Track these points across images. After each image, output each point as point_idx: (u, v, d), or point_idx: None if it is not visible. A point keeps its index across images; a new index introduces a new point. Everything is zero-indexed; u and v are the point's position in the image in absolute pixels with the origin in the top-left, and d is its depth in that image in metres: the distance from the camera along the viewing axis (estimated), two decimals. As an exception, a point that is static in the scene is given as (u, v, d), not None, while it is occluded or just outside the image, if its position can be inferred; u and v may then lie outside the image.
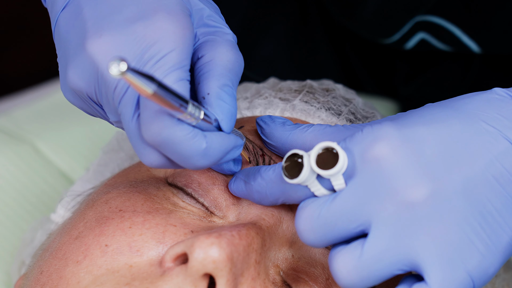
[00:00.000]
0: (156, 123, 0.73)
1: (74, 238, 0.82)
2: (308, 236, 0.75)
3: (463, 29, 1.08)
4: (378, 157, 0.73)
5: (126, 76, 0.67)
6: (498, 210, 0.73)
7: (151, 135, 0.74)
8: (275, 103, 0.94)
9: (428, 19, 1.10)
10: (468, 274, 0.72)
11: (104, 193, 0.86)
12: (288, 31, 1.29)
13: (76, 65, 0.77)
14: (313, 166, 0.74)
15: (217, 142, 0.76)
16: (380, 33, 1.15)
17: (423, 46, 1.14)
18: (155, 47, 0.75)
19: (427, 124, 0.75)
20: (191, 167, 0.76)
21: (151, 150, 0.76)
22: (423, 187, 0.72)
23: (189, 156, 0.75)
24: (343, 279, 0.74)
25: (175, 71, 0.74)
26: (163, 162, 0.77)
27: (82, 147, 1.27)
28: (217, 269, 0.75)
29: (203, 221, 0.83)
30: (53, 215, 1.00)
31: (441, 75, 1.21)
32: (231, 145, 0.78)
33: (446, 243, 0.72)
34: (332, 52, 1.31)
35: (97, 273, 0.79)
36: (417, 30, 1.12)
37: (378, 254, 0.73)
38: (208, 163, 0.76)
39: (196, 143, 0.74)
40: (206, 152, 0.75)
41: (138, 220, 0.81)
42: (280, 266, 0.82)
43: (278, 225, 0.82)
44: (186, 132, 0.74)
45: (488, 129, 0.75)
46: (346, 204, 0.74)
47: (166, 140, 0.74)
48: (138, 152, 0.77)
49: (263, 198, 0.81)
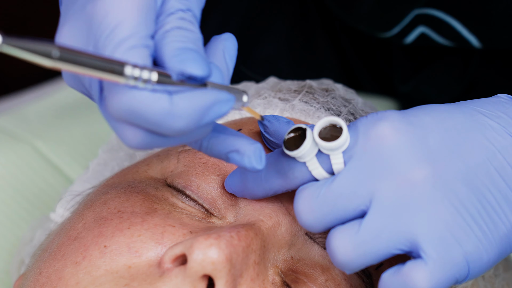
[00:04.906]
0: (113, 95, 0.70)
1: (73, 239, 0.82)
2: (307, 217, 0.75)
3: (463, 22, 1.08)
4: (381, 135, 0.74)
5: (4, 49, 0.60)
6: (498, 201, 0.74)
7: (112, 108, 0.70)
8: (274, 103, 0.94)
9: (428, 12, 1.10)
10: (464, 257, 0.73)
11: (102, 193, 0.86)
12: (288, 29, 1.29)
13: None
14: (315, 137, 0.75)
15: (186, 99, 0.70)
16: (379, 26, 1.15)
17: (423, 40, 1.14)
18: (104, 23, 0.71)
19: (431, 115, 0.76)
20: (171, 132, 0.70)
21: (125, 126, 0.72)
22: (424, 168, 0.73)
23: (157, 120, 0.69)
24: (340, 255, 0.74)
25: (126, 41, 0.70)
26: (143, 136, 0.71)
27: (81, 147, 1.27)
28: (216, 270, 0.75)
29: (202, 222, 0.83)
30: (52, 214, 1.00)
31: (441, 72, 1.21)
32: (207, 99, 0.70)
33: (444, 224, 0.73)
34: (331, 50, 1.31)
35: (96, 274, 0.79)
36: (417, 24, 1.12)
37: (375, 231, 0.73)
38: (185, 123, 0.70)
39: (158, 104, 0.69)
40: (172, 111, 0.69)
41: (137, 221, 0.81)
42: (280, 267, 0.82)
43: (276, 227, 0.82)
44: (145, 96, 0.69)
45: (492, 124, 0.76)
46: (346, 182, 0.74)
47: (128, 108, 0.69)
48: (117, 133, 0.73)
49: (258, 184, 0.80)
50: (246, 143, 0.76)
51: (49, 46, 0.62)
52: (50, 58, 0.62)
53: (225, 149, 0.76)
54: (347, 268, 0.75)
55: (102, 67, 0.66)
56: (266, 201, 0.83)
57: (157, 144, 0.72)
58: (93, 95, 0.74)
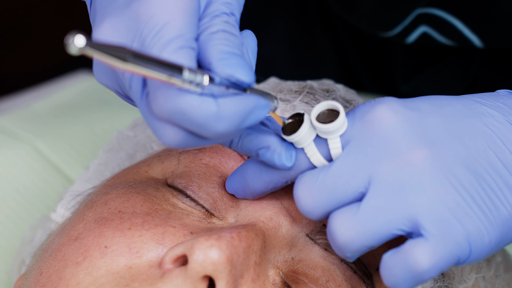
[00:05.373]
0: (161, 95, 0.71)
1: (74, 239, 0.82)
2: (306, 202, 0.75)
3: (465, 22, 1.08)
4: (378, 118, 0.74)
5: (87, 51, 0.63)
6: (498, 185, 0.74)
7: (158, 108, 0.71)
8: (275, 103, 0.94)
9: (430, 12, 1.10)
10: (465, 236, 0.72)
11: (103, 194, 0.86)
12: (289, 29, 1.29)
13: (95, 62, 0.77)
14: (313, 120, 0.75)
15: (231, 103, 0.71)
16: (381, 25, 1.15)
17: (425, 40, 1.14)
18: (151, 22, 0.72)
19: (430, 102, 0.76)
20: (212, 135, 0.72)
21: (167, 125, 0.73)
22: (423, 149, 0.73)
23: (203, 122, 0.71)
24: (340, 236, 0.73)
25: (173, 41, 0.71)
26: (183, 136, 0.73)
27: (82, 147, 1.27)
28: (217, 271, 0.75)
29: (202, 222, 0.83)
30: (53, 214, 1.00)
31: (442, 72, 1.21)
32: (250, 104, 0.72)
33: (445, 204, 0.72)
34: (332, 50, 1.31)
35: (97, 274, 0.79)
36: (419, 24, 1.12)
37: (375, 210, 0.73)
38: (228, 126, 0.71)
39: (206, 107, 0.70)
40: (219, 114, 0.71)
41: (138, 221, 0.81)
42: (280, 268, 0.81)
43: (277, 228, 0.82)
44: (193, 99, 0.71)
45: (491, 112, 0.76)
46: (345, 166, 0.74)
47: (176, 109, 0.70)
48: (156, 132, 0.74)
49: (258, 177, 0.80)
50: (277, 140, 0.77)
51: (123, 51, 0.65)
52: (123, 61, 0.66)
53: (257, 146, 0.77)
54: (348, 250, 0.74)
55: (162, 70, 0.68)
56: (266, 202, 0.83)
57: (194, 144, 0.74)
58: (133, 92, 0.74)
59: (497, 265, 0.95)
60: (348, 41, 1.29)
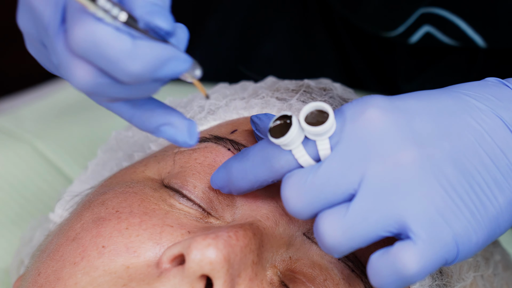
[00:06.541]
0: (78, 26, 0.69)
1: (71, 240, 0.82)
2: (294, 203, 0.74)
3: (468, 21, 1.08)
4: (367, 119, 0.73)
5: None
6: (486, 182, 0.74)
7: (75, 39, 0.69)
8: (272, 102, 0.94)
9: (433, 11, 1.10)
10: (453, 237, 0.73)
11: (100, 194, 0.86)
12: (289, 29, 1.29)
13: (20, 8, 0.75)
14: (301, 122, 0.74)
15: (148, 45, 0.69)
16: (384, 25, 1.15)
17: (428, 40, 1.13)
18: None
19: (418, 98, 0.76)
20: (124, 76, 0.70)
21: (79, 63, 0.71)
22: (412, 150, 0.73)
23: (115, 58, 0.69)
24: (328, 238, 0.73)
25: None
26: (94, 75, 0.71)
27: (81, 147, 1.27)
28: (214, 270, 0.75)
29: (200, 222, 0.83)
30: (51, 215, 1.01)
31: (445, 72, 1.21)
32: (168, 53, 0.70)
33: (433, 205, 0.72)
34: (334, 50, 1.31)
35: (94, 274, 0.79)
36: (422, 23, 1.12)
37: (364, 212, 0.72)
38: (141, 68, 0.69)
39: (121, 42, 0.69)
40: (133, 52, 0.69)
41: (135, 221, 0.81)
42: (278, 267, 0.81)
43: (274, 227, 0.82)
44: (109, 31, 0.68)
45: (479, 106, 0.76)
46: (334, 167, 0.73)
47: (90, 40, 0.69)
48: (67, 70, 0.72)
49: (243, 177, 0.79)
50: (181, 117, 0.76)
51: None
52: None
53: (159, 122, 0.75)
54: (336, 251, 0.74)
55: None
56: (262, 201, 0.83)
57: (103, 90, 0.71)
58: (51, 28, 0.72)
59: (495, 264, 0.95)
60: (350, 40, 1.29)
